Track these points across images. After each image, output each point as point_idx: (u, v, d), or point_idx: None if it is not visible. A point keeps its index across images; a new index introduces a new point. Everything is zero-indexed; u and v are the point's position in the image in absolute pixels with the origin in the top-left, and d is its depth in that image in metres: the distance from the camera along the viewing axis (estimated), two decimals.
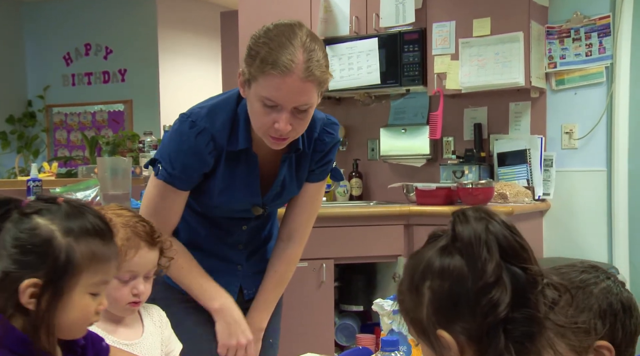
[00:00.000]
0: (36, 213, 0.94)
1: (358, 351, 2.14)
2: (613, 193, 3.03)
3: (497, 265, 0.72)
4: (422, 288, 0.76)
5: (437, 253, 0.76)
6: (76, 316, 0.94)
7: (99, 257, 0.94)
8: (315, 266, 2.80)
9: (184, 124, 1.49)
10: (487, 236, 0.73)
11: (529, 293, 0.73)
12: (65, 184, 2.49)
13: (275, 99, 1.37)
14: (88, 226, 0.94)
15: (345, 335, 3.18)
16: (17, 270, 0.90)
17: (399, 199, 3.18)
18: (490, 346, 0.71)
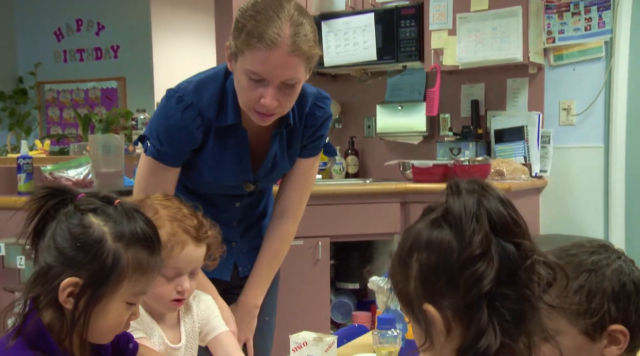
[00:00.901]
0: (92, 211, 0.92)
1: (354, 328, 2.14)
2: (610, 169, 3.02)
3: (485, 238, 0.70)
4: (410, 261, 0.74)
5: (427, 225, 0.75)
6: (108, 324, 0.92)
7: (143, 267, 0.93)
8: (311, 244, 2.79)
9: (171, 100, 1.46)
10: (479, 209, 0.71)
11: (519, 269, 0.71)
12: (57, 162, 2.46)
13: (261, 73, 1.35)
14: (139, 234, 0.93)
15: (341, 312, 3.18)
16: (60, 265, 0.89)
17: (395, 176, 3.17)
18: (473, 321, 0.69)
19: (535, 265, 0.72)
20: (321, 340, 1.36)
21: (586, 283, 0.92)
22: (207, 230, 1.23)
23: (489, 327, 0.68)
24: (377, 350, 1.41)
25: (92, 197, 0.94)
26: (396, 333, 1.41)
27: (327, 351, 1.35)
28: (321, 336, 1.38)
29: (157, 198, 1.23)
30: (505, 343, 0.68)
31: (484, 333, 0.68)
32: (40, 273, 0.90)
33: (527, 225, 0.75)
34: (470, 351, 0.69)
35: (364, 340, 1.85)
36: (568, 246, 1.00)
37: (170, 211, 1.20)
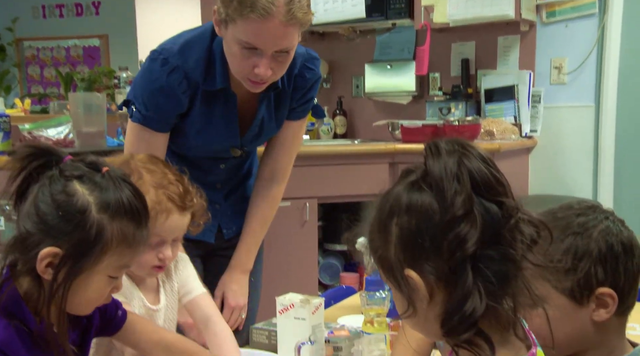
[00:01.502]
0: (77, 178, 0.87)
1: (342, 290, 2.13)
2: (600, 129, 3.00)
3: (467, 198, 0.67)
4: (389, 226, 0.72)
5: (406, 188, 0.72)
6: (89, 296, 0.89)
7: (129, 241, 0.88)
8: (298, 205, 2.77)
9: (155, 62, 1.41)
10: (459, 169, 0.69)
11: (503, 228, 0.68)
12: (36, 120, 2.39)
13: (254, 44, 1.31)
14: (126, 205, 0.88)
15: (329, 274, 3.18)
16: (40, 233, 0.84)
17: (384, 137, 3.13)
18: (458, 284, 0.67)
19: (519, 223, 0.69)
20: (308, 302, 1.34)
21: (572, 246, 0.90)
22: (193, 198, 1.19)
23: (474, 290, 0.66)
24: (365, 312, 1.39)
25: (79, 161, 0.89)
26: (384, 294, 1.39)
27: (314, 314, 1.33)
28: (308, 298, 1.35)
29: (142, 160, 1.18)
30: (490, 305, 0.66)
31: (469, 296, 0.66)
32: (19, 240, 0.86)
33: (509, 183, 0.72)
34: (455, 316, 0.67)
35: (351, 302, 1.84)
36: (556, 208, 0.97)
37: (155, 177, 1.15)
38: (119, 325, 1.02)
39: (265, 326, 1.48)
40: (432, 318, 0.70)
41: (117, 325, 1.02)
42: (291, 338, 1.32)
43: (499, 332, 0.68)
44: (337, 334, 1.32)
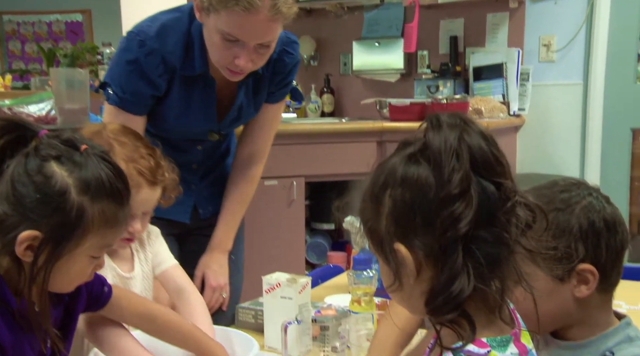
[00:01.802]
0: (55, 158, 0.83)
1: (329, 269, 2.13)
2: (588, 107, 3.00)
3: (465, 176, 0.65)
4: (382, 197, 0.69)
5: (403, 160, 0.69)
6: (70, 277, 0.87)
7: (110, 222, 0.86)
8: (285, 184, 2.76)
9: (132, 43, 1.38)
10: (460, 144, 0.66)
11: (498, 210, 0.66)
12: (17, 96, 2.34)
13: (237, 36, 1.31)
14: (107, 186, 0.84)
15: (316, 253, 3.18)
16: (18, 216, 0.81)
17: (371, 115, 3.11)
18: (446, 264, 0.65)
19: (515, 207, 0.67)
20: (295, 281, 1.32)
21: (553, 222, 0.88)
22: (164, 172, 1.17)
23: (462, 271, 0.65)
24: (352, 291, 1.38)
25: (54, 138, 0.85)
26: (372, 273, 1.38)
27: (301, 293, 1.32)
28: (295, 278, 1.34)
29: (114, 131, 1.16)
30: (477, 287, 0.65)
31: (458, 277, 0.65)
32: None
33: (509, 164, 0.70)
34: (441, 296, 0.65)
35: (339, 281, 1.83)
36: (541, 185, 0.96)
37: (126, 149, 1.13)
38: (105, 300, 1.01)
39: (251, 306, 1.47)
40: (417, 295, 0.69)
41: (104, 301, 1.01)
42: (278, 317, 1.31)
43: (484, 314, 0.68)
44: (324, 313, 1.31)
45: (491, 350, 0.65)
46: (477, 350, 0.65)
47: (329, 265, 2.34)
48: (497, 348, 0.66)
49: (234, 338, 1.17)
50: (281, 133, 2.76)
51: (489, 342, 0.66)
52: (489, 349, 0.65)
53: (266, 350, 1.34)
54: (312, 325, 1.31)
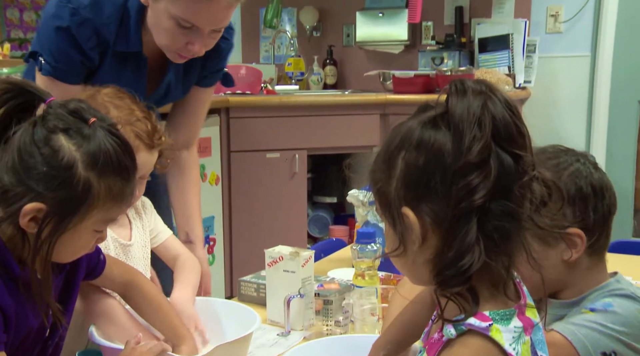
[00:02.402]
0: (63, 131, 0.81)
1: (331, 242, 2.11)
2: (595, 80, 2.96)
3: (486, 146, 0.63)
4: (395, 159, 0.67)
5: (421, 123, 0.67)
6: (73, 249, 0.86)
7: (115, 197, 0.84)
8: (287, 157, 2.74)
9: (64, 10, 1.29)
10: (483, 112, 0.64)
11: (515, 184, 0.64)
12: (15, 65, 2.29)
13: (195, 23, 1.26)
14: (114, 162, 0.83)
15: (318, 226, 3.16)
16: (23, 187, 0.80)
17: (375, 87, 3.08)
18: (459, 235, 0.63)
19: (532, 182, 0.65)
20: (297, 254, 1.30)
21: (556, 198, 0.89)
22: (161, 136, 1.15)
23: (475, 244, 0.63)
24: (356, 265, 1.36)
25: (62, 107, 0.83)
26: (376, 247, 1.35)
27: (304, 267, 1.30)
28: (297, 251, 1.32)
29: (109, 94, 1.13)
30: (485, 262, 0.63)
31: (470, 250, 0.63)
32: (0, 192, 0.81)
33: (530, 137, 0.67)
34: (450, 269, 0.63)
35: (341, 255, 1.81)
36: None
37: (122, 112, 1.10)
38: (101, 270, 1.01)
39: (253, 279, 1.45)
40: (420, 262, 0.67)
41: (100, 270, 1.01)
42: (280, 291, 1.29)
43: (488, 289, 0.66)
44: (327, 287, 1.29)
45: (493, 323, 0.64)
46: (479, 323, 0.64)
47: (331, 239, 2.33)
48: (500, 322, 0.64)
49: (236, 311, 1.15)
50: (283, 106, 2.75)
51: (492, 315, 0.64)
52: (491, 322, 0.64)
53: (268, 323, 1.33)
54: (315, 299, 1.29)
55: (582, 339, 0.86)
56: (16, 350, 0.85)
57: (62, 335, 0.94)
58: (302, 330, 1.28)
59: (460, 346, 0.64)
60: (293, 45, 3.31)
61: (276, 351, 1.19)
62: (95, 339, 0.98)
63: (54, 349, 0.93)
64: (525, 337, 0.65)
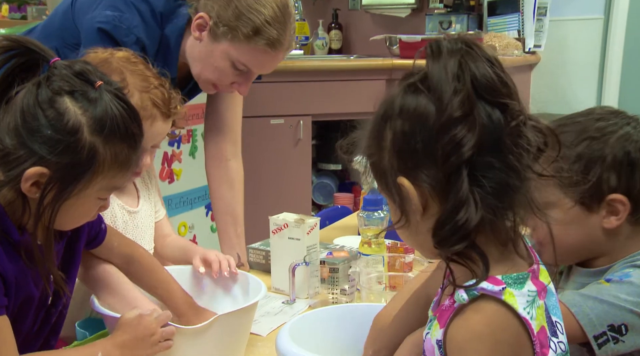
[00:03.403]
0: (69, 94, 0.78)
1: (337, 210, 2.09)
2: (608, 44, 2.90)
3: (467, 99, 0.61)
4: (383, 131, 0.67)
5: (402, 91, 0.66)
6: (75, 217, 0.84)
7: (121, 165, 0.82)
8: (292, 122, 2.71)
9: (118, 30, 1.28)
10: (461, 69, 0.62)
11: (504, 134, 0.62)
12: (12, 26, 2.24)
13: (252, 69, 1.32)
14: (121, 128, 0.80)
15: (322, 194, 3.14)
16: (25, 151, 0.77)
17: (381, 52, 3.02)
18: (451, 192, 0.61)
19: (521, 127, 0.63)
20: (303, 221, 1.28)
21: (586, 151, 0.87)
22: (177, 105, 1.12)
23: (468, 198, 0.61)
24: (363, 232, 1.34)
25: (67, 68, 0.80)
26: (382, 214, 1.33)
27: (309, 234, 1.27)
28: (303, 218, 1.29)
29: (123, 58, 1.09)
30: (487, 218, 0.62)
31: (464, 204, 0.61)
32: (1, 155, 0.78)
33: (515, 85, 0.65)
34: (447, 225, 0.62)
35: (347, 222, 1.79)
36: (577, 113, 0.94)
37: (138, 79, 1.07)
38: (102, 239, 0.99)
39: (262, 247, 1.43)
40: (424, 231, 0.65)
41: (101, 239, 0.99)
42: (285, 259, 1.27)
43: (497, 248, 0.64)
44: (337, 255, 1.27)
45: (506, 287, 0.62)
46: (492, 287, 0.62)
47: (336, 206, 2.31)
48: (513, 286, 0.62)
49: (242, 279, 1.12)
50: (287, 71, 2.70)
51: (505, 279, 0.62)
52: (504, 286, 0.62)
53: (273, 291, 1.31)
54: (320, 267, 1.27)
55: (587, 311, 0.83)
56: (18, 316, 0.83)
57: (65, 303, 0.92)
58: (307, 298, 1.26)
59: (472, 311, 0.62)
60: (297, 9, 3.24)
61: (281, 320, 1.17)
62: (96, 308, 0.96)
63: (58, 317, 0.92)
64: (539, 301, 0.64)
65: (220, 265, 1.11)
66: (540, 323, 0.63)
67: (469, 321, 0.62)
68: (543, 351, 0.63)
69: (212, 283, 1.14)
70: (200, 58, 1.34)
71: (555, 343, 0.65)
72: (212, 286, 1.14)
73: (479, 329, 0.61)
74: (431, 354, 0.66)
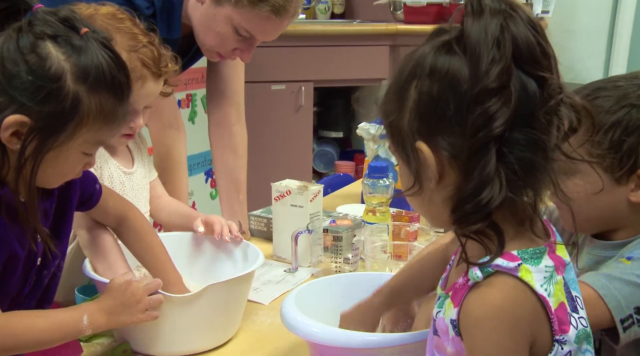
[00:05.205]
0: (51, 38, 0.74)
1: (339, 177, 2.06)
2: (619, 9, 2.82)
3: (506, 70, 0.57)
4: (408, 89, 0.62)
5: (435, 49, 0.61)
6: (58, 172, 0.80)
7: (107, 117, 0.78)
8: (293, 88, 2.66)
9: None
10: (502, 33, 0.58)
11: (539, 110, 0.58)
12: None
13: (255, 35, 1.27)
14: (107, 77, 0.76)
15: (323, 162, 3.11)
16: (5, 97, 0.73)
17: (385, 17, 2.96)
18: (476, 168, 0.58)
19: (559, 106, 0.59)
20: (306, 188, 1.24)
21: (624, 119, 0.82)
22: (168, 64, 1.07)
23: (495, 177, 0.57)
24: (367, 200, 1.30)
25: (51, 14, 0.76)
26: (388, 182, 1.29)
27: (312, 201, 1.24)
28: (306, 185, 1.26)
29: (108, 14, 1.04)
30: (507, 197, 0.58)
31: (489, 183, 0.57)
32: None
33: (556, 57, 0.61)
34: (469, 203, 0.58)
35: (350, 190, 1.76)
36: (618, 76, 0.88)
37: (125, 38, 1.02)
38: (97, 199, 0.96)
39: (263, 214, 1.39)
40: (438, 201, 0.62)
41: (96, 199, 0.96)
42: (287, 226, 1.24)
43: (513, 227, 0.61)
44: (340, 223, 1.24)
45: (522, 262, 0.59)
46: (507, 263, 0.59)
47: (338, 174, 2.28)
48: (529, 261, 0.59)
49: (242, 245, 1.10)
50: (289, 35, 2.63)
51: (520, 254, 0.59)
52: (520, 262, 0.59)
53: (274, 259, 1.29)
54: (324, 235, 1.24)
55: (615, 294, 0.79)
56: (3, 275, 0.80)
57: (59, 265, 0.89)
58: (309, 267, 1.24)
59: (488, 286, 0.59)
60: None
61: (283, 288, 1.15)
62: (87, 272, 0.94)
63: (51, 280, 0.89)
64: (557, 276, 0.61)
65: (222, 230, 1.08)
66: (558, 299, 0.60)
67: (486, 295, 0.59)
68: (563, 328, 0.60)
69: (213, 247, 1.11)
70: (201, 22, 1.30)
71: (576, 318, 0.62)
72: (213, 251, 1.12)
73: (498, 304, 0.58)
74: (445, 334, 0.63)
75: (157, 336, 0.91)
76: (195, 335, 0.93)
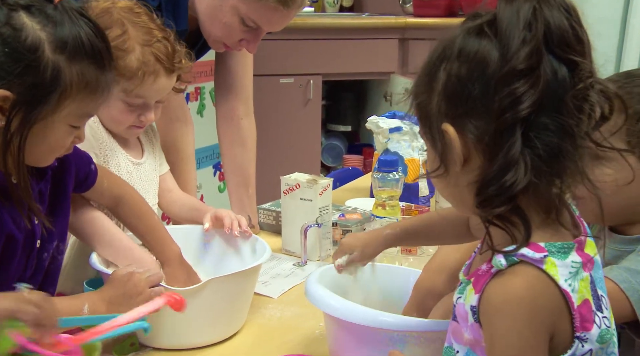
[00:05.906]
0: (25, 9, 0.73)
1: (348, 171, 2.05)
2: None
3: (536, 51, 0.56)
4: (437, 71, 0.62)
5: (465, 31, 0.61)
6: (47, 147, 0.79)
7: (91, 87, 0.77)
8: (301, 82, 2.65)
9: None
10: (534, 16, 0.57)
11: (568, 95, 0.57)
12: None
13: (261, 26, 1.26)
14: (85, 45, 0.75)
15: (331, 155, 3.10)
16: None
17: (394, 10, 2.94)
18: (502, 150, 0.57)
19: (588, 90, 0.58)
20: (315, 182, 1.24)
21: None
22: (181, 59, 1.07)
23: (520, 160, 0.57)
24: (377, 194, 1.30)
25: None
26: (398, 176, 1.28)
27: (322, 195, 1.24)
28: (315, 178, 1.25)
29: (125, 8, 1.04)
30: (532, 182, 0.57)
31: (514, 165, 0.57)
32: None
33: (590, 43, 0.60)
34: (493, 186, 0.58)
35: (358, 184, 1.76)
36: None
37: (140, 32, 1.02)
38: (94, 180, 0.96)
39: (272, 207, 1.39)
40: (463, 185, 0.62)
41: (92, 180, 0.96)
42: (297, 220, 1.23)
43: (538, 215, 0.60)
44: (349, 217, 1.23)
45: (548, 255, 0.58)
46: (533, 254, 0.58)
47: (347, 167, 2.27)
48: (556, 255, 0.58)
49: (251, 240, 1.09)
50: (297, 29, 2.63)
51: (547, 247, 0.58)
52: (546, 254, 0.58)
53: (283, 252, 1.28)
54: (333, 229, 1.23)
55: (637, 287, 0.78)
56: (4, 260, 0.80)
57: (59, 248, 0.89)
58: (318, 261, 1.23)
59: (511, 274, 0.58)
60: None
61: (292, 282, 1.14)
62: (93, 265, 0.94)
63: (52, 263, 0.89)
64: (583, 273, 0.60)
65: (232, 224, 1.08)
66: (583, 296, 0.59)
67: (508, 283, 0.58)
68: (586, 325, 0.59)
69: (222, 241, 1.11)
70: (208, 13, 1.29)
71: (600, 317, 0.61)
72: (222, 245, 1.11)
73: (520, 293, 0.57)
74: (464, 320, 0.62)
75: (162, 328, 0.91)
76: (201, 327, 0.92)
